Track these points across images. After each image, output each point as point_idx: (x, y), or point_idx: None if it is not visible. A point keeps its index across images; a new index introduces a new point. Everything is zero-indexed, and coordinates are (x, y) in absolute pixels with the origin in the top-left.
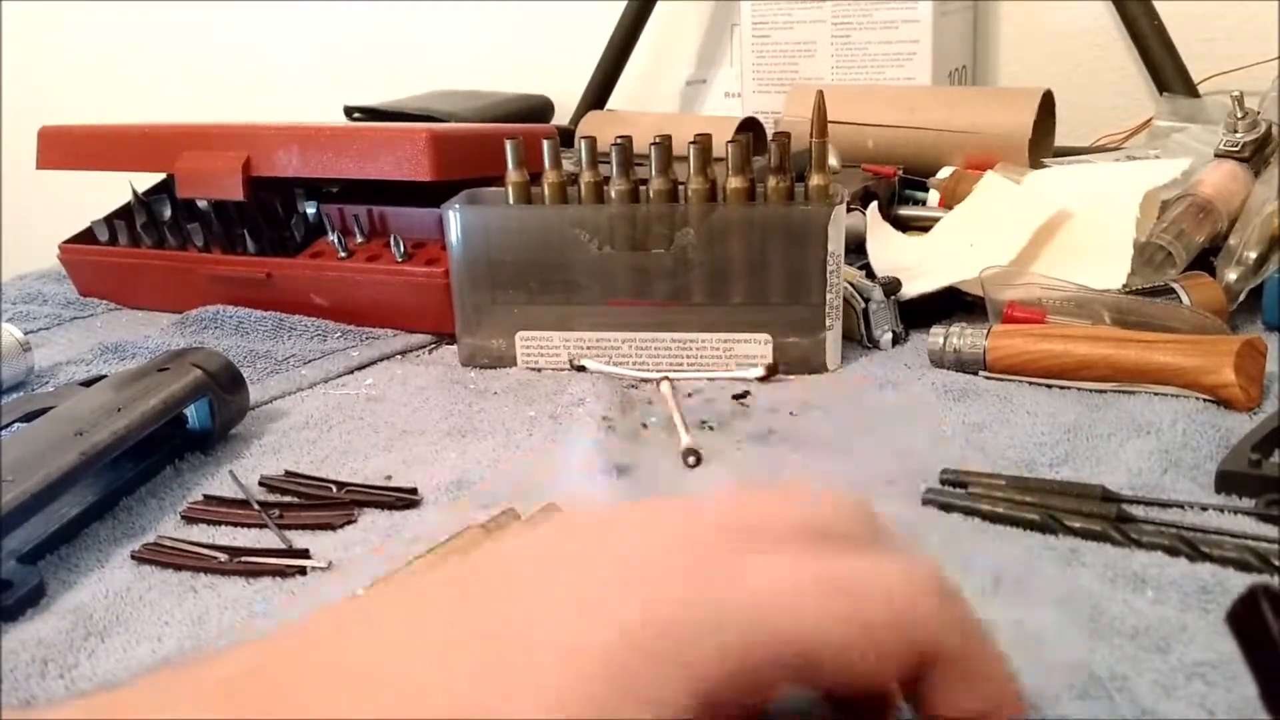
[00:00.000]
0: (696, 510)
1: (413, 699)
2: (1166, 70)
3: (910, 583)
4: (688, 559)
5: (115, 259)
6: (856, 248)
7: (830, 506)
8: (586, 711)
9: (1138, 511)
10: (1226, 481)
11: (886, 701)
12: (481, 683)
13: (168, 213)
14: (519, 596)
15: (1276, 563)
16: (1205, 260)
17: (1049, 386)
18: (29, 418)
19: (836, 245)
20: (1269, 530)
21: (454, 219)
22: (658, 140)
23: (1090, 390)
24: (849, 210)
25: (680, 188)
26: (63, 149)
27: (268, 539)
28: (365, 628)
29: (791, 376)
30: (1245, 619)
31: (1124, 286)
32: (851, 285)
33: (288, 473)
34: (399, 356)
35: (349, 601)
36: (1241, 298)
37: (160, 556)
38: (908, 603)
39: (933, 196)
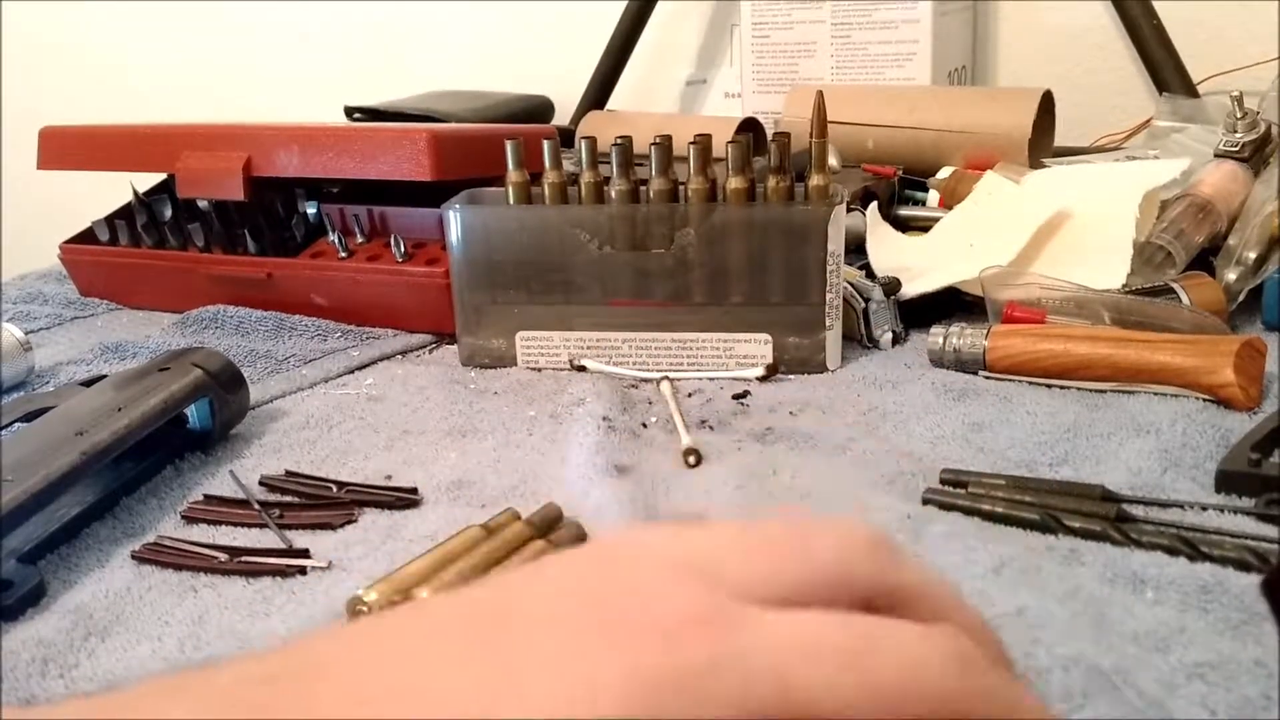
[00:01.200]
0: (714, 547)
1: (421, 717)
2: (1166, 70)
3: (933, 653)
4: (712, 603)
5: (116, 259)
6: (856, 248)
7: (849, 549)
8: None
9: (1138, 511)
10: (1226, 481)
11: None
12: (493, 704)
13: (168, 213)
14: (537, 622)
15: (1276, 562)
16: (1205, 260)
17: (1049, 386)
18: (29, 417)
19: (836, 245)
20: (1269, 530)
21: (454, 219)
22: (658, 140)
23: (1090, 390)
24: (849, 210)
25: (680, 188)
26: (63, 149)
27: (268, 539)
28: (378, 648)
29: (791, 376)
30: None
31: (1124, 286)
32: (851, 285)
33: (288, 472)
34: (399, 356)
35: (365, 619)
36: (1241, 298)
37: (160, 556)
38: (929, 676)
39: (932, 197)
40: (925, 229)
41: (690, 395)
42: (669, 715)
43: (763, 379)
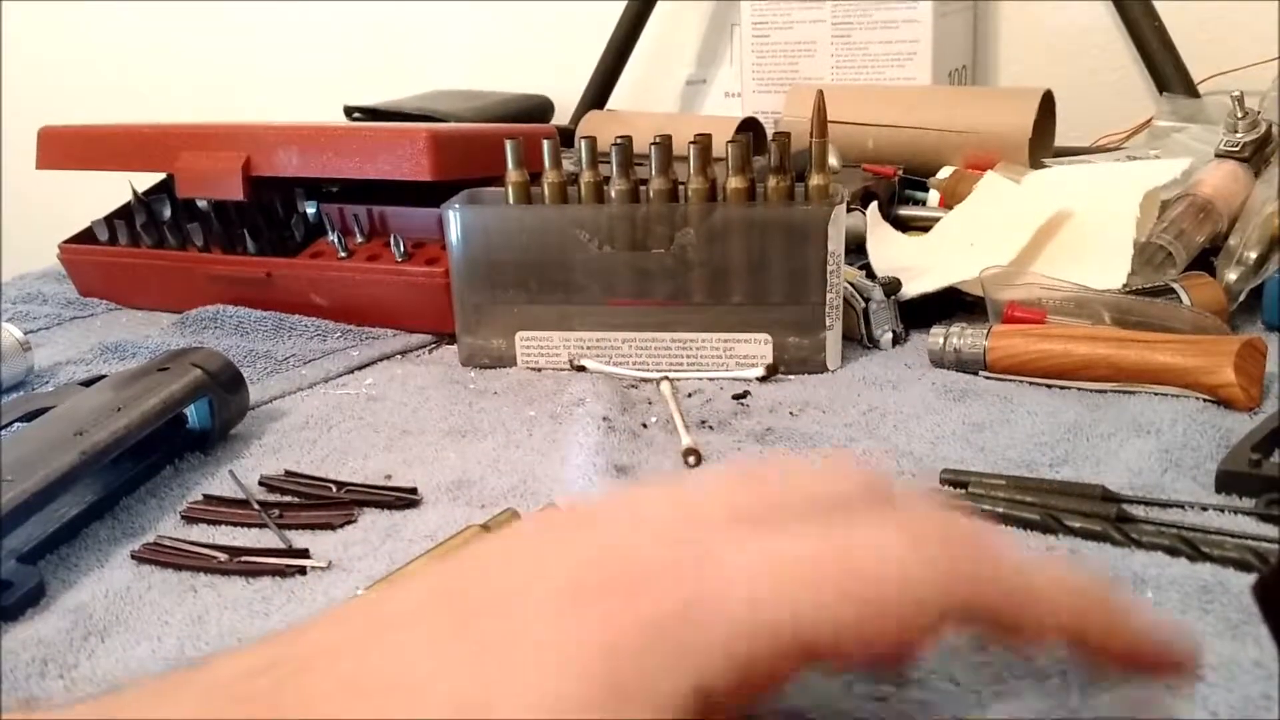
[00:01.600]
0: (687, 496)
1: (411, 702)
2: (1167, 70)
3: (920, 548)
4: (679, 549)
5: (115, 259)
6: (857, 248)
7: (837, 478)
8: (584, 711)
9: (1138, 511)
10: (1226, 481)
11: (904, 656)
12: (479, 684)
13: (168, 213)
14: (512, 595)
15: (1274, 563)
16: (1205, 260)
17: (1049, 386)
18: (29, 417)
19: (836, 245)
20: (1269, 530)
21: (454, 219)
22: (658, 140)
23: (1090, 390)
24: (849, 210)
25: (680, 188)
26: (63, 149)
27: (268, 539)
28: (364, 633)
29: (791, 376)
30: (1272, 589)
31: (1124, 286)
32: (852, 285)
33: (287, 472)
34: (399, 356)
35: (351, 604)
36: (1241, 298)
37: (160, 556)
38: (915, 561)
39: (933, 196)
40: (925, 229)
41: (690, 395)
42: (653, 667)
43: (763, 379)
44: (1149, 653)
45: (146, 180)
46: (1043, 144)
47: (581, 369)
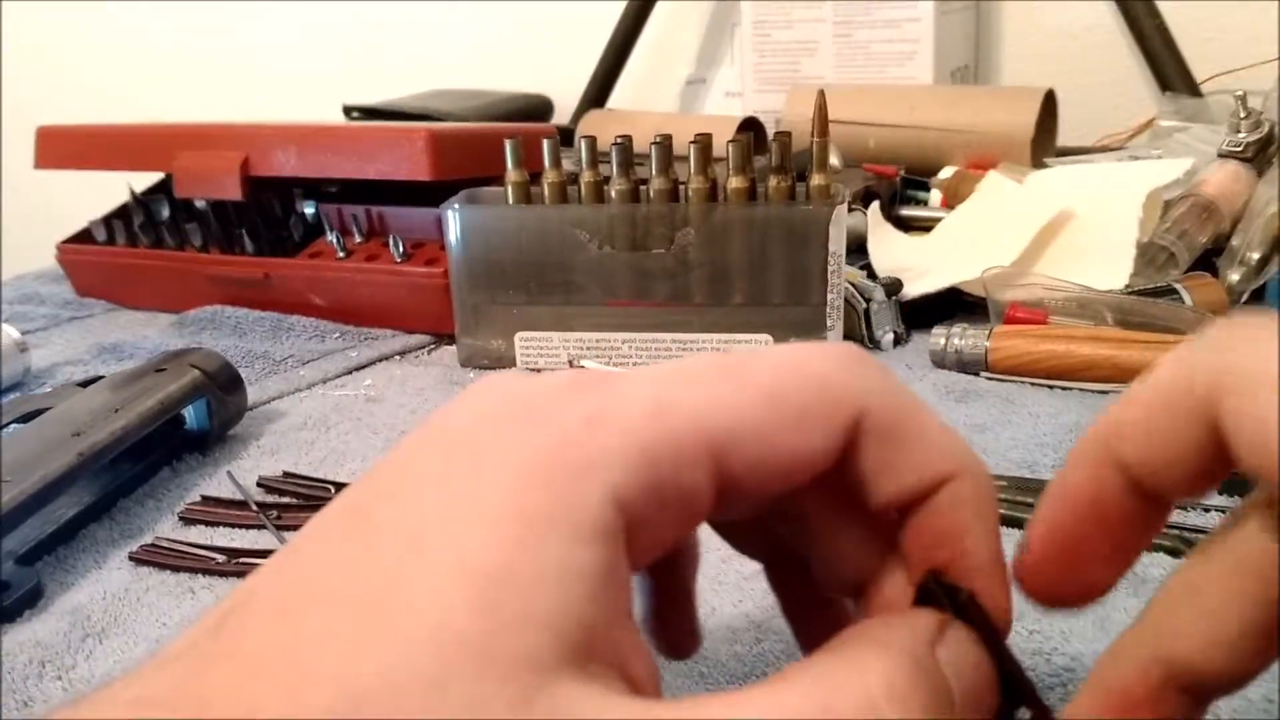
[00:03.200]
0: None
1: (313, 606)
2: (1169, 70)
3: (822, 349)
4: (580, 388)
5: (113, 259)
6: (858, 248)
7: (827, 358)
8: (504, 556)
9: None
10: (1228, 482)
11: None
12: (380, 572)
13: (166, 213)
14: (406, 478)
15: None
16: (1208, 261)
17: (1051, 387)
18: (26, 418)
19: (838, 245)
20: None
21: (453, 219)
22: (658, 140)
23: (1093, 391)
24: (850, 210)
25: (681, 187)
26: (61, 149)
27: (266, 540)
28: (259, 623)
29: None
30: None
31: (1126, 287)
32: (853, 285)
33: (286, 474)
34: (398, 357)
35: (242, 590)
36: (1244, 298)
37: (158, 557)
38: (820, 365)
39: (934, 196)
40: (927, 229)
41: None
42: (562, 485)
43: None
44: (975, 570)
45: (145, 180)
46: (1045, 144)
47: (581, 370)
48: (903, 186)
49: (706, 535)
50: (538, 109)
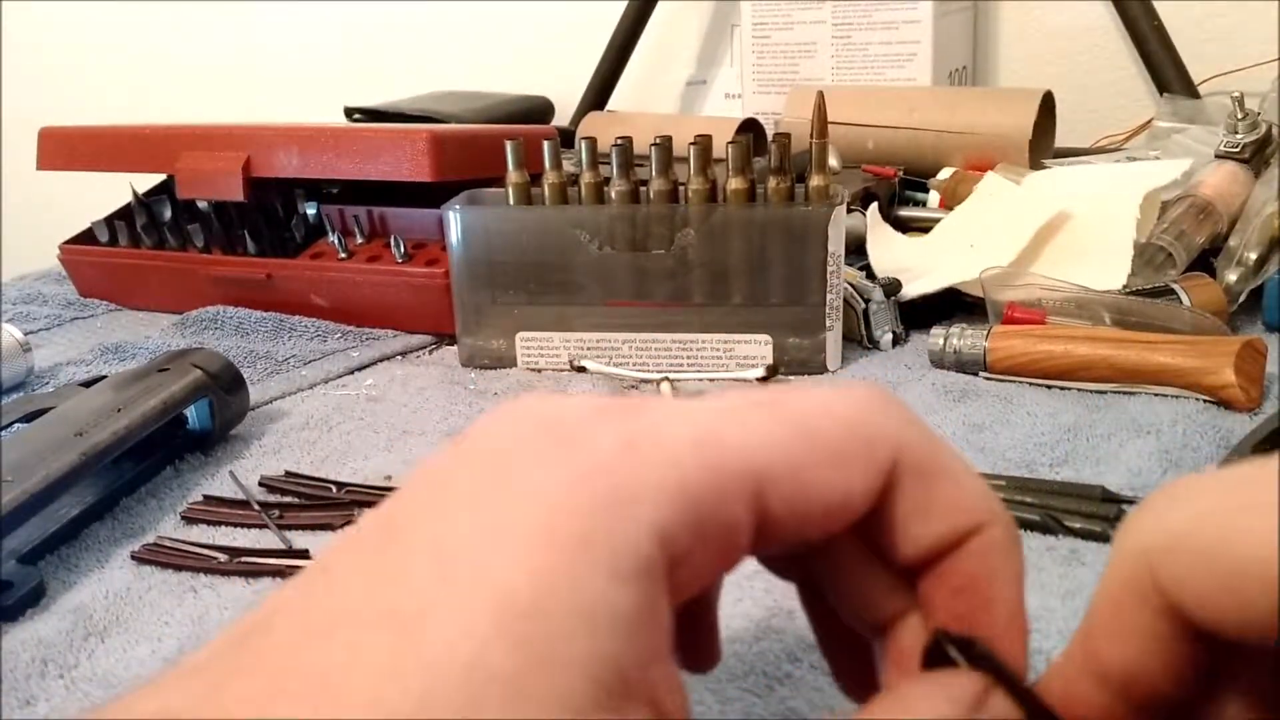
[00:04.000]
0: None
1: (338, 632)
2: (1167, 71)
3: (854, 393)
4: (615, 413)
5: (115, 260)
6: (857, 249)
7: (860, 404)
8: (539, 592)
9: None
10: None
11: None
12: (409, 595)
13: (168, 213)
14: (437, 500)
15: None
16: (1205, 261)
17: (1049, 387)
18: (29, 418)
19: (837, 246)
20: None
21: (454, 220)
22: (658, 141)
23: (1090, 391)
24: (849, 211)
25: (680, 188)
26: (63, 149)
27: (268, 539)
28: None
29: (792, 377)
30: None
31: (1124, 287)
32: (852, 286)
33: (288, 473)
34: (399, 357)
35: (268, 605)
36: (1241, 298)
37: (160, 557)
38: (855, 405)
39: (933, 197)
40: (926, 230)
41: (690, 396)
42: (604, 516)
43: (763, 380)
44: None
45: (147, 181)
46: (1043, 145)
47: (582, 370)
48: (901, 187)
49: None
50: (538, 111)
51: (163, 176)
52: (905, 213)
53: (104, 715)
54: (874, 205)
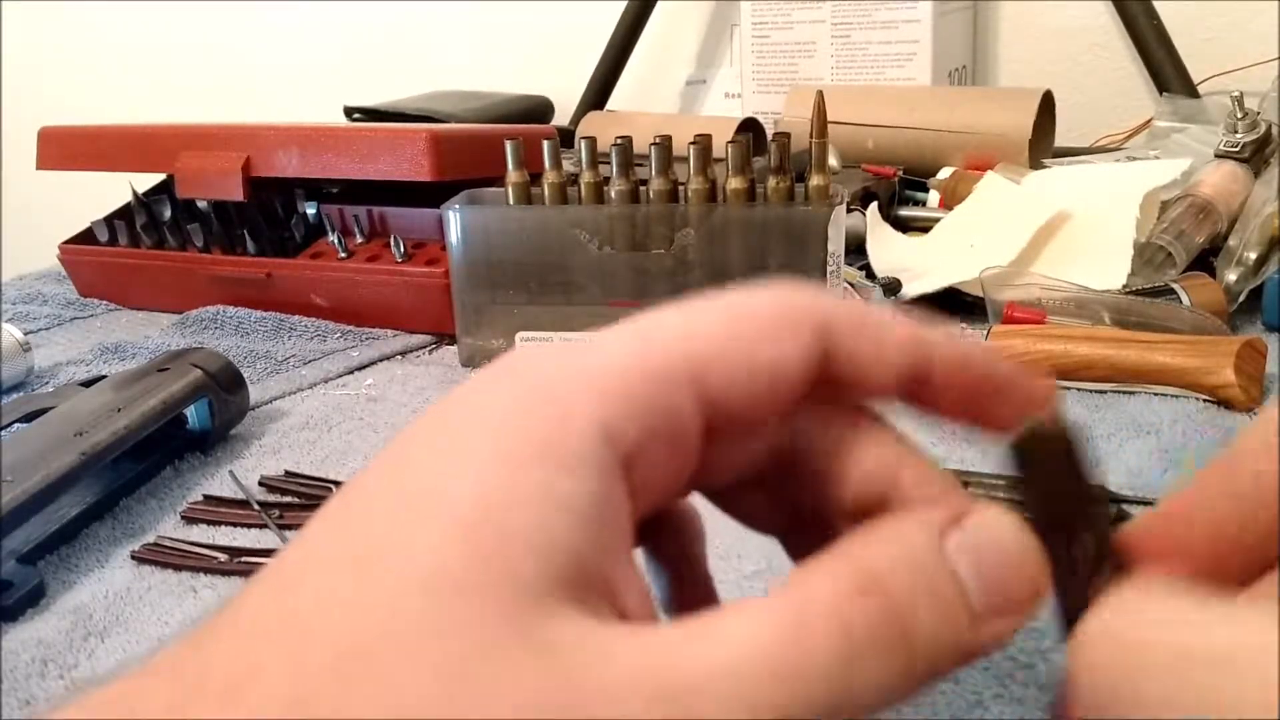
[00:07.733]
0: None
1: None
2: (1166, 70)
3: (778, 284)
4: (565, 346)
5: (115, 259)
6: (857, 248)
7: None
8: (492, 511)
9: (1138, 511)
10: None
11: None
12: (365, 546)
13: (168, 213)
14: (392, 470)
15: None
16: (1205, 261)
17: None
18: (29, 418)
19: (836, 246)
20: None
21: (454, 219)
22: (658, 141)
23: (1090, 391)
24: (849, 211)
25: (680, 188)
26: (63, 149)
27: (268, 539)
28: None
29: None
30: (1030, 445)
31: (1124, 287)
32: (851, 286)
33: (288, 473)
34: (399, 357)
35: (253, 589)
36: (1241, 298)
37: (160, 557)
38: (781, 290)
39: (933, 197)
40: (925, 229)
41: None
42: (544, 420)
43: None
44: (1002, 382)
45: (147, 181)
46: (1042, 144)
47: None
48: (901, 187)
49: (708, 535)
50: (538, 110)
51: (162, 176)
52: (905, 212)
53: (100, 685)
54: (874, 205)
